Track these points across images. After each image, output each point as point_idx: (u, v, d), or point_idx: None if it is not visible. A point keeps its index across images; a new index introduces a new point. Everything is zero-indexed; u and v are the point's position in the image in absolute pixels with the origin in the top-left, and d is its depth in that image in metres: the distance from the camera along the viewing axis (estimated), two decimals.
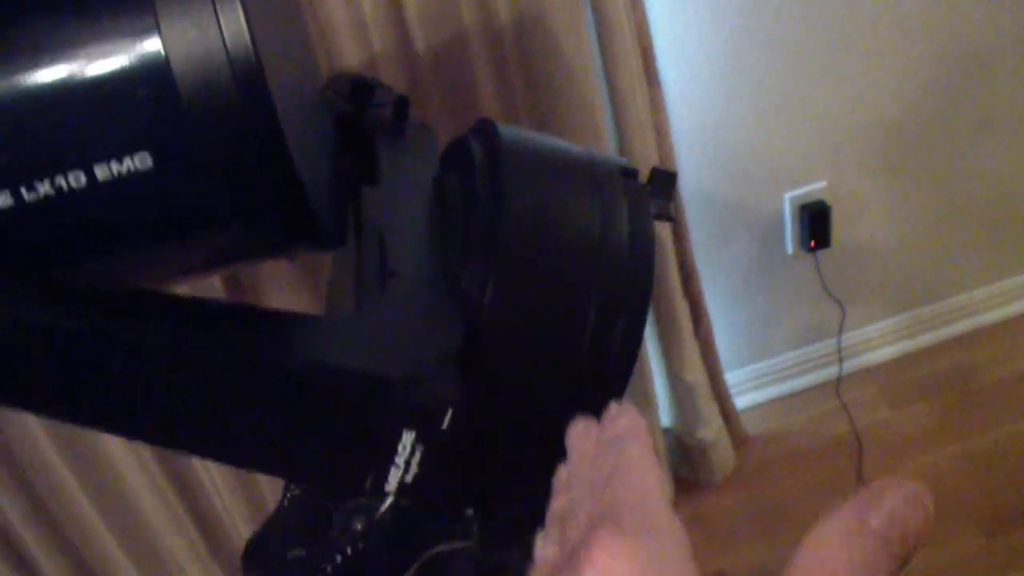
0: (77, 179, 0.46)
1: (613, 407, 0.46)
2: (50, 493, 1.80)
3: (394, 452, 0.51)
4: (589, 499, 0.40)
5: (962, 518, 1.83)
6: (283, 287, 1.55)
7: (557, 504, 0.44)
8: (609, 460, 0.41)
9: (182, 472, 1.84)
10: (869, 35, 1.78)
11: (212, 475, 1.83)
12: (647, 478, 0.39)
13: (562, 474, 0.45)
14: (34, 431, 1.73)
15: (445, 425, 0.51)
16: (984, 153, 2.01)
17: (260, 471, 0.52)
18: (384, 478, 0.51)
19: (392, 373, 0.50)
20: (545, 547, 0.41)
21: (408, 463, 0.51)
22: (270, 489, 1.85)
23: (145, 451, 1.79)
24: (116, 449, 1.79)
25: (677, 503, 2.01)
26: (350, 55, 1.35)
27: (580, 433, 0.47)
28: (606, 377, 0.59)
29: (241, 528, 1.92)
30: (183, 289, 0.61)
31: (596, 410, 0.59)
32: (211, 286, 1.46)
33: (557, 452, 0.58)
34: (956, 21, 1.81)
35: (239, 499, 1.85)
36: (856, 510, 0.34)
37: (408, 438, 0.51)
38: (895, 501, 0.34)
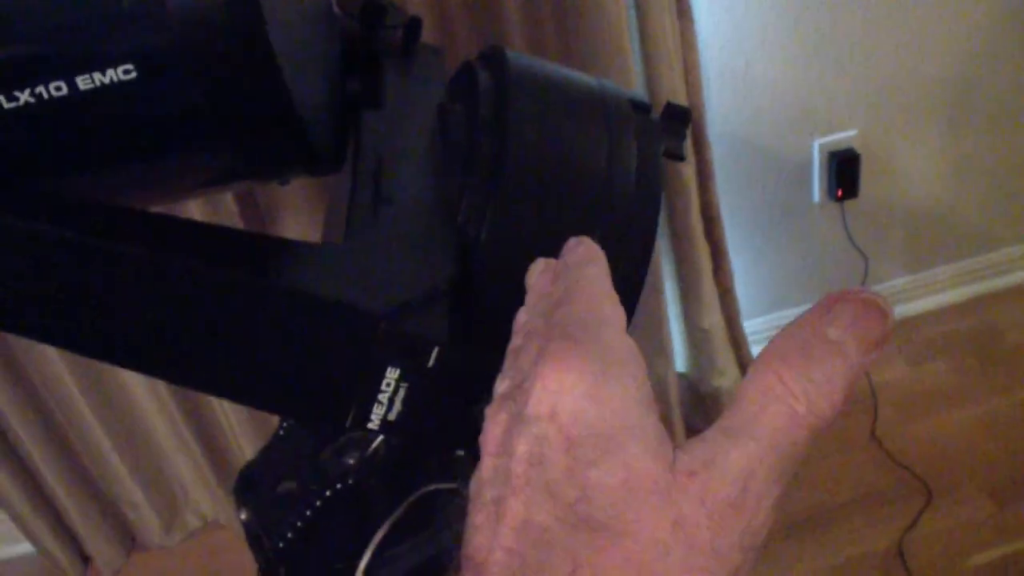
0: (58, 88, 0.44)
1: (572, 239, 0.45)
2: (59, 409, 1.82)
3: (377, 389, 0.49)
4: (543, 327, 0.38)
5: (973, 484, 1.82)
6: (300, 212, 1.53)
7: (513, 343, 0.42)
8: (563, 285, 0.40)
9: (190, 393, 1.85)
10: None
11: (222, 401, 1.83)
12: (600, 297, 0.39)
13: (520, 315, 0.43)
14: (54, 361, 1.74)
15: (431, 363, 0.49)
16: (1021, 116, 1.96)
17: (237, 401, 0.51)
18: (367, 415, 0.50)
19: (376, 307, 0.48)
20: (500, 383, 0.40)
21: (392, 400, 0.49)
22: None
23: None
24: (128, 374, 1.80)
25: None
26: None
27: (538, 270, 0.46)
28: None
29: (247, 452, 1.93)
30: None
31: None
32: (229, 212, 1.45)
33: None
34: None
35: (245, 423, 1.86)
36: (812, 321, 0.33)
37: (392, 374, 0.49)
38: (853, 310, 0.33)
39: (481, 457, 0.36)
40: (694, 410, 2.04)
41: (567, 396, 0.33)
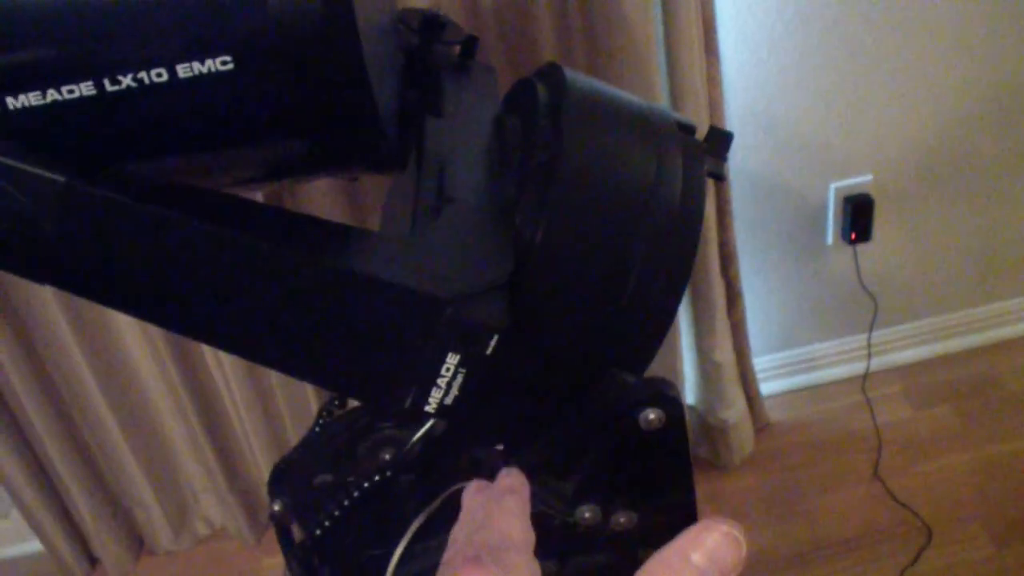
0: (159, 75, 0.47)
1: (503, 469, 0.54)
2: (76, 406, 1.84)
3: (437, 372, 0.52)
4: (463, 545, 0.47)
5: (974, 524, 1.84)
6: (323, 208, 1.57)
7: (445, 556, 0.49)
8: (483, 512, 0.49)
9: (208, 399, 1.87)
10: (934, 40, 1.78)
11: (239, 408, 1.85)
12: (513, 525, 0.47)
13: (454, 531, 0.51)
14: (74, 357, 1.76)
15: (489, 351, 0.52)
16: None
17: (302, 378, 0.54)
18: (426, 397, 0.53)
19: (442, 293, 0.51)
20: None
21: (450, 385, 0.53)
22: (292, 423, 1.88)
23: (176, 378, 1.82)
24: (146, 372, 1.82)
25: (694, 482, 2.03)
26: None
27: (472, 491, 0.54)
28: (644, 325, 0.60)
29: (261, 464, 1.95)
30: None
31: (630, 356, 0.60)
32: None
33: (582, 394, 0.59)
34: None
35: (261, 431, 1.88)
36: (680, 547, 0.39)
37: (452, 360, 0.52)
38: (714, 539, 0.38)
39: None
40: (701, 440, 2.06)
41: None
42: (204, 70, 0.47)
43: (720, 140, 0.67)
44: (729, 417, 1.99)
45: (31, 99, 0.48)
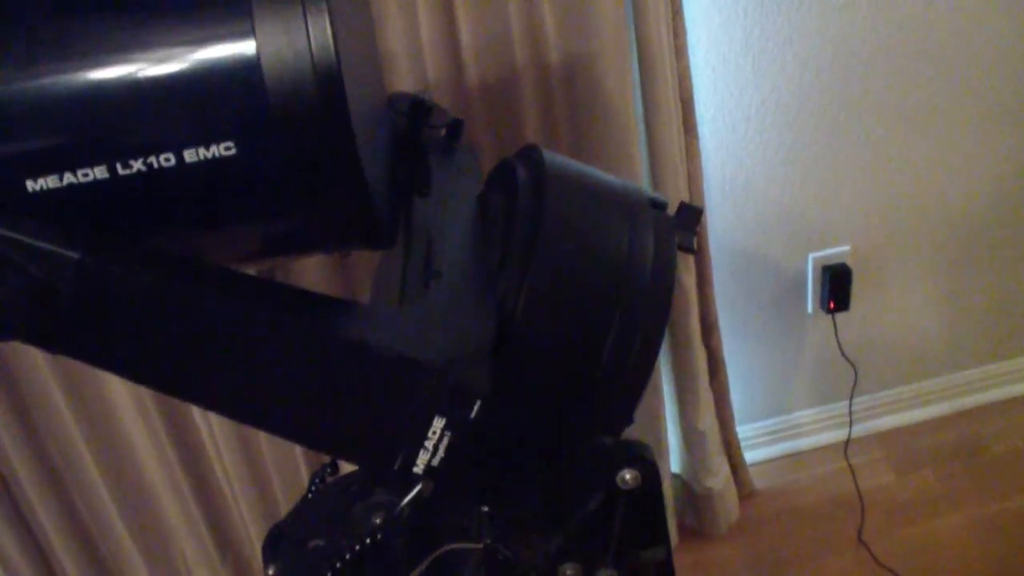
0: (167, 160, 0.51)
1: None
2: (69, 472, 1.84)
3: (424, 435, 0.55)
4: None
5: None
6: (311, 274, 1.60)
7: None
8: None
9: (201, 473, 1.88)
10: (906, 115, 1.84)
11: (230, 479, 1.86)
12: None
13: None
14: (67, 425, 1.77)
15: (474, 415, 0.55)
16: (1013, 240, 2.06)
17: (300, 442, 0.57)
18: (413, 459, 0.56)
19: (428, 360, 0.54)
20: None
21: (437, 447, 0.56)
22: (283, 493, 1.89)
23: (169, 450, 1.83)
24: (139, 444, 1.83)
25: (680, 550, 2.04)
26: (405, 82, 1.40)
27: None
28: (620, 390, 0.64)
29: (253, 535, 1.95)
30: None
31: (608, 418, 0.64)
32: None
33: (562, 455, 0.62)
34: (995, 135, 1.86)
35: (255, 505, 1.89)
36: None
37: (439, 423, 0.55)
38: None
39: None
40: (686, 509, 2.08)
41: None
42: (209, 155, 0.51)
43: (690, 215, 0.71)
44: (714, 485, 2.00)
45: (49, 182, 0.51)
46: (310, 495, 0.80)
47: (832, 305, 1.99)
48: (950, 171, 1.92)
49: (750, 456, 2.16)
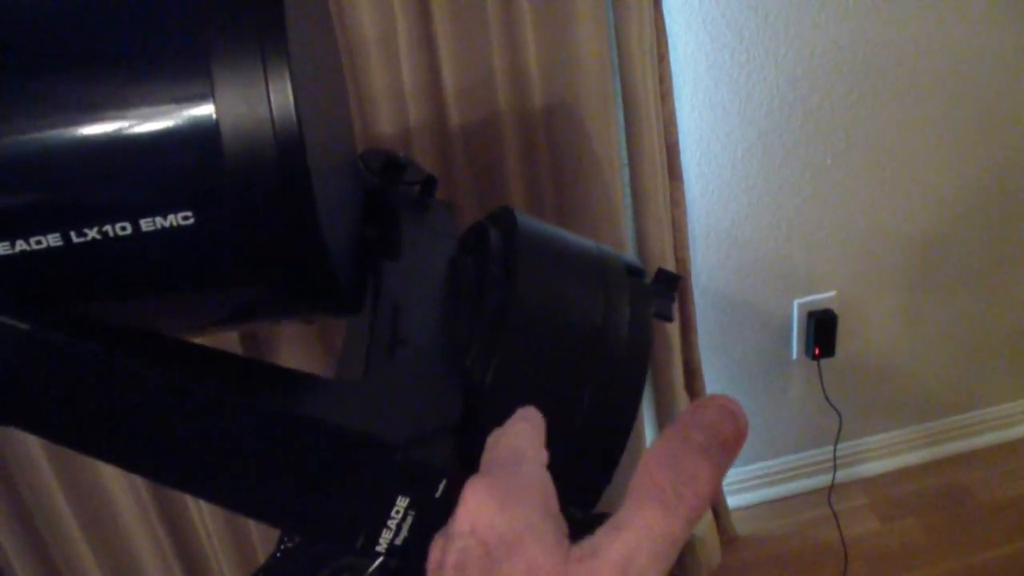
0: (123, 228, 0.49)
1: (519, 409, 0.52)
2: (46, 526, 1.81)
3: (387, 514, 0.53)
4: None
5: None
6: (296, 345, 1.58)
7: None
8: (495, 437, 0.48)
9: (177, 518, 1.86)
10: (892, 161, 1.83)
11: (207, 524, 1.84)
12: (520, 440, 0.47)
13: None
14: (42, 469, 1.75)
15: (438, 494, 0.53)
16: (996, 285, 2.05)
17: (256, 519, 0.55)
18: (376, 538, 0.54)
19: (392, 437, 0.52)
20: None
21: (400, 527, 0.54)
22: (261, 540, 1.87)
23: (145, 496, 1.80)
24: (116, 490, 1.81)
25: None
26: (387, 124, 1.39)
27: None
28: (592, 463, 0.62)
29: None
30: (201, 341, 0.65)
31: (579, 492, 0.62)
32: (228, 340, 1.49)
33: None
34: (978, 151, 1.85)
35: (231, 551, 1.86)
36: (679, 429, 0.40)
37: (402, 502, 0.53)
38: (710, 414, 0.40)
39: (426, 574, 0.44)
40: None
41: (482, 513, 0.41)
42: (166, 224, 0.49)
43: (667, 282, 0.69)
44: (696, 530, 1.98)
45: (0, 249, 0.49)
46: (279, 554, 0.78)
47: (817, 351, 1.98)
48: (937, 218, 1.92)
49: (732, 501, 2.14)
